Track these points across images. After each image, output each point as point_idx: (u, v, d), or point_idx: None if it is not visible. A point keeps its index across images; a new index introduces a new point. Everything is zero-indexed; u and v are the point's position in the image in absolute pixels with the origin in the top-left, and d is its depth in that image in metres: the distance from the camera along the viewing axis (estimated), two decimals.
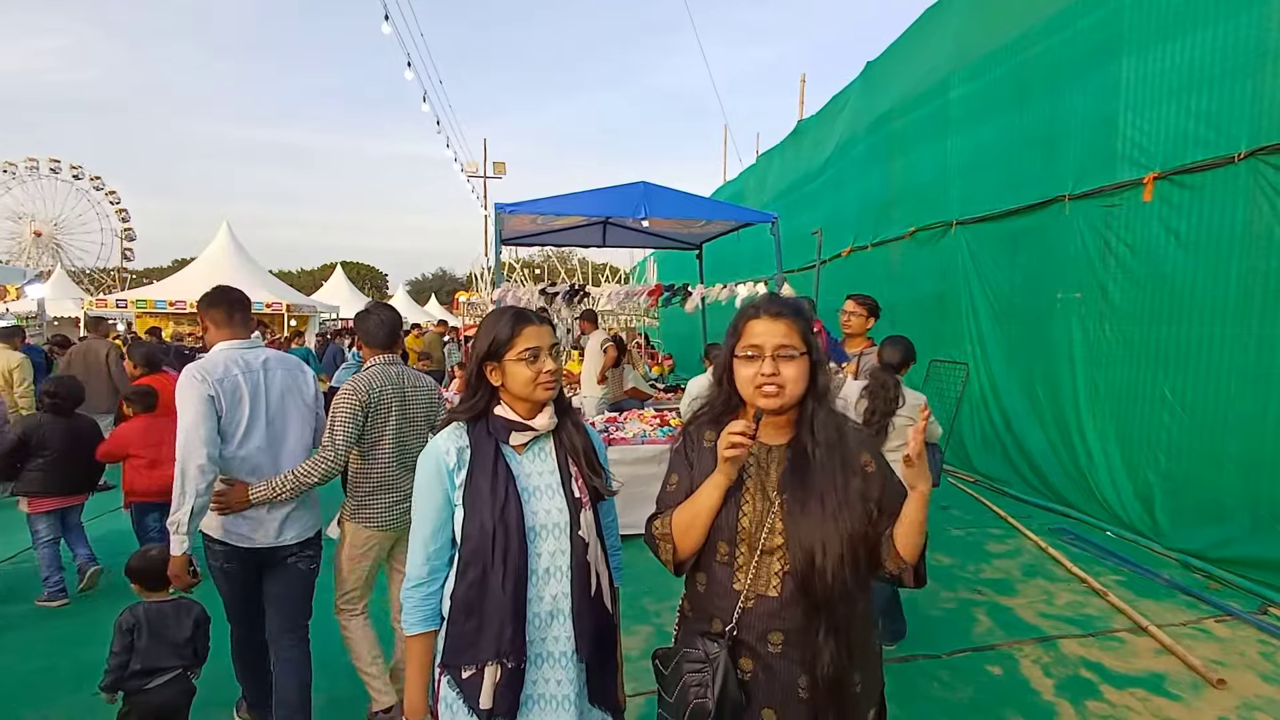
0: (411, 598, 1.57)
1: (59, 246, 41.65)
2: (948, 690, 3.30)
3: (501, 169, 27.40)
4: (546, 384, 1.58)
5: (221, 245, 19.64)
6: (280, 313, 18.27)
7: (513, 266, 18.91)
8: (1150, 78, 5.25)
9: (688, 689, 1.40)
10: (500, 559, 1.49)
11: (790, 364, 1.43)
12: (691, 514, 1.46)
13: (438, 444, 1.60)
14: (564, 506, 1.58)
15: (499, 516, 1.50)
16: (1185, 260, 4.97)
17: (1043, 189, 6.23)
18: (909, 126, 8.37)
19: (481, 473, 1.54)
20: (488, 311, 1.84)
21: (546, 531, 1.56)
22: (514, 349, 1.57)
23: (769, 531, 1.43)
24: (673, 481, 1.57)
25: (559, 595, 1.55)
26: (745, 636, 1.43)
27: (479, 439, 1.59)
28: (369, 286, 54.17)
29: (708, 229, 7.71)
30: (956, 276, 7.39)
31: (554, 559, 1.55)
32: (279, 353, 2.83)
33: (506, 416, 1.60)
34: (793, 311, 1.48)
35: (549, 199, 5.91)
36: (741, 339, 1.48)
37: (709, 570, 1.49)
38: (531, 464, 1.62)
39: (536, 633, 1.53)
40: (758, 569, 1.43)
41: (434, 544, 1.56)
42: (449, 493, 1.56)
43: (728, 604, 1.44)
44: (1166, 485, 5.08)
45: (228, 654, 2.88)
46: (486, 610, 1.49)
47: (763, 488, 1.47)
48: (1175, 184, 5.06)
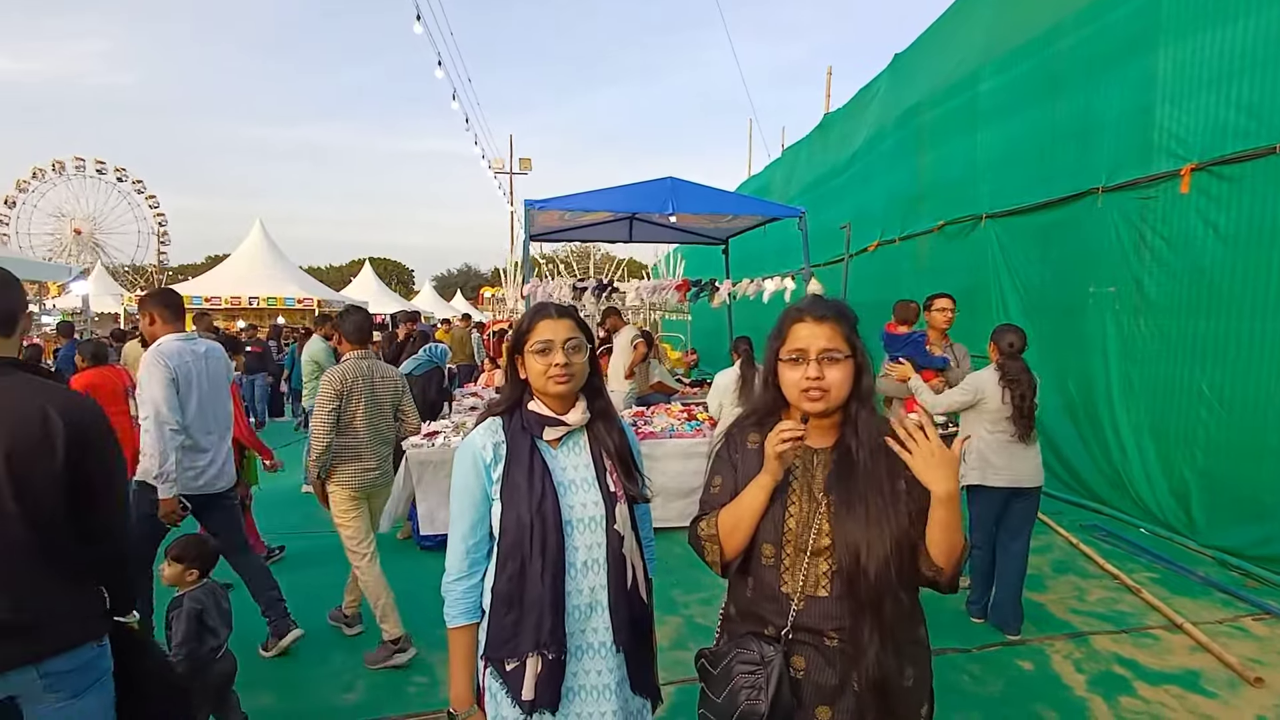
0: (452, 591, 1.59)
1: (98, 244, 42.76)
2: (978, 684, 3.31)
3: (527, 165, 27.54)
4: (556, 377, 1.56)
5: (255, 242, 20.06)
6: (311, 308, 18.59)
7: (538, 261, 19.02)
8: (1188, 67, 5.16)
9: (739, 690, 1.39)
10: (539, 552, 1.50)
11: (835, 367, 1.43)
12: (737, 515, 1.46)
13: (474, 440, 1.61)
14: (599, 500, 1.59)
15: (536, 510, 1.51)
16: (1224, 253, 4.88)
17: (1075, 182, 6.14)
18: (938, 119, 8.29)
19: (518, 467, 1.56)
20: (515, 306, 1.88)
21: (583, 525, 1.57)
22: (530, 341, 1.59)
23: (816, 533, 1.43)
24: (716, 483, 1.57)
25: (596, 587, 1.57)
26: (801, 637, 1.43)
27: (514, 434, 1.60)
28: (395, 282, 54.81)
29: (734, 224, 7.72)
30: (986, 271, 7.31)
31: (590, 552, 1.57)
32: (213, 343, 3.57)
33: (539, 411, 1.61)
34: (836, 314, 1.48)
35: (577, 195, 5.96)
36: (786, 342, 1.48)
37: (755, 573, 1.49)
38: (566, 458, 1.63)
39: (576, 624, 1.55)
40: (807, 571, 1.43)
41: (472, 538, 1.59)
42: (486, 488, 1.58)
43: (778, 606, 1.44)
44: (1203, 482, 5.01)
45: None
46: (526, 602, 1.51)
47: (809, 489, 1.47)
48: (1214, 175, 4.97)
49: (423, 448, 5.08)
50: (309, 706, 3.11)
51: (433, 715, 3.03)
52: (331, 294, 22.57)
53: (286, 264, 20.96)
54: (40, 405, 1.66)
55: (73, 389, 1.86)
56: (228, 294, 18.33)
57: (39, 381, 1.75)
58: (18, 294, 1.79)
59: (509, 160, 27.10)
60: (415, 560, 4.96)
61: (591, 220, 7.69)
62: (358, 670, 3.41)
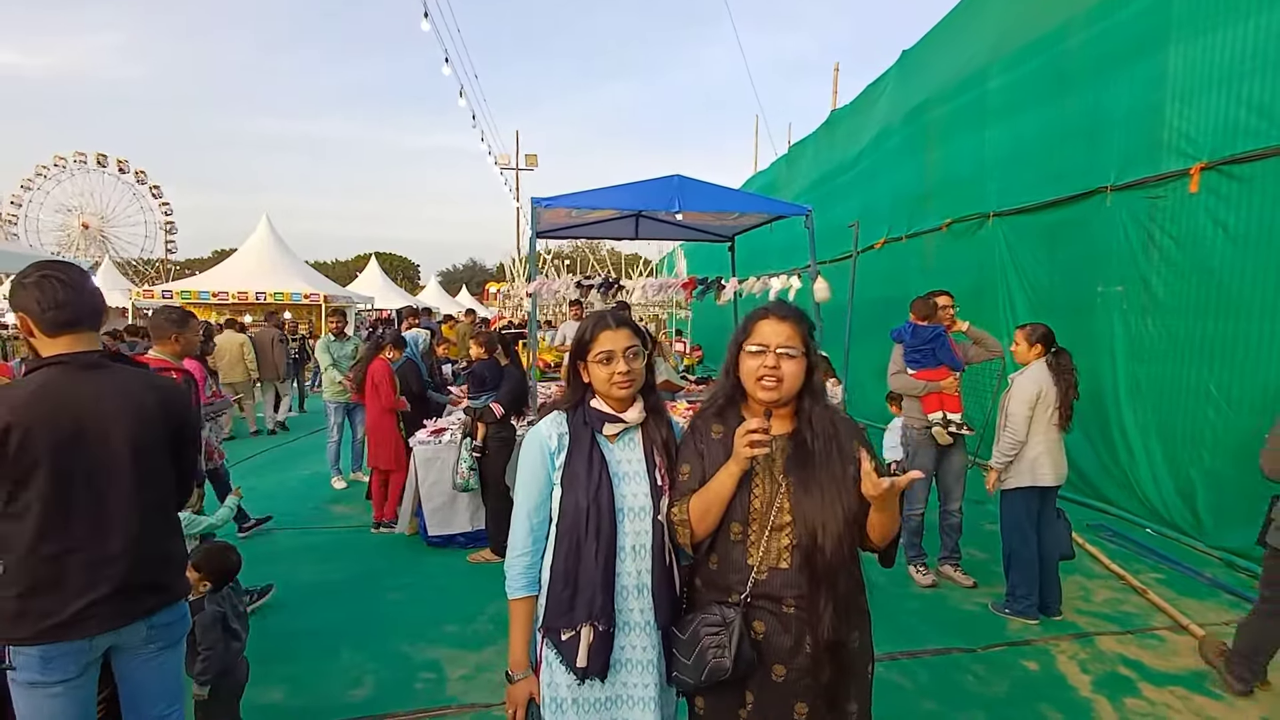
0: (515, 566, 1.73)
1: (105, 238, 42.92)
2: (983, 685, 3.32)
3: (534, 161, 27.57)
4: (620, 384, 1.72)
5: (262, 237, 20.06)
6: (318, 303, 18.63)
7: (543, 257, 19.01)
8: (1199, 66, 5.13)
9: (705, 650, 1.56)
10: (593, 535, 1.65)
11: (790, 362, 1.61)
12: (707, 500, 1.62)
13: (541, 429, 1.77)
14: (648, 491, 1.72)
15: (593, 497, 1.66)
16: (1233, 253, 4.86)
17: (1084, 180, 6.12)
18: (946, 117, 8.25)
19: (579, 457, 1.71)
20: (522, 302, 1.97)
21: (633, 514, 1.71)
22: (592, 351, 1.74)
23: (778, 510, 1.60)
24: (685, 471, 1.72)
25: (642, 570, 1.70)
26: (760, 603, 1.60)
27: (577, 427, 1.75)
28: (401, 277, 54.87)
29: (741, 221, 7.68)
30: (993, 269, 7.29)
31: (638, 538, 1.70)
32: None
33: (600, 409, 1.76)
34: (796, 317, 1.67)
35: (584, 193, 5.94)
36: (750, 336, 1.66)
37: (722, 549, 1.65)
38: (622, 451, 1.77)
39: (623, 603, 1.69)
40: (768, 544, 1.60)
41: (536, 517, 1.73)
42: (550, 473, 1.73)
43: (742, 576, 1.61)
44: (1210, 482, 4.99)
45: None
46: (581, 580, 1.65)
47: (770, 472, 1.64)
48: (1223, 175, 4.94)
49: (429, 444, 5.10)
50: (317, 703, 3.13)
51: (440, 711, 3.06)
52: (338, 289, 22.58)
53: (293, 259, 20.96)
54: (149, 388, 1.97)
55: (158, 374, 2.14)
56: (235, 289, 18.38)
57: (135, 369, 2.02)
58: (94, 291, 1.95)
59: (515, 156, 27.12)
60: (424, 556, 4.98)
61: (597, 217, 7.66)
62: (366, 665, 3.43)
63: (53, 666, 1.77)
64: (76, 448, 1.80)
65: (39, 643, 1.76)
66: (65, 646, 1.78)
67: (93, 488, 1.82)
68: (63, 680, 1.79)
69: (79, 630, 1.79)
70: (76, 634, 1.79)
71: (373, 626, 3.85)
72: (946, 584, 4.45)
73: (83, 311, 1.88)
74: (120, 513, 1.85)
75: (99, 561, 1.82)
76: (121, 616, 1.86)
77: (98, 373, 1.88)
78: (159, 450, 1.96)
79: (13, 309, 1.86)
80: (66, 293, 1.83)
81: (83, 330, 1.88)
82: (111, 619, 1.84)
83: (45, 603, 1.76)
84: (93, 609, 1.80)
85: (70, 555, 1.79)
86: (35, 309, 1.81)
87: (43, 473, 1.75)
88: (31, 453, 1.74)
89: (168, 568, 2.01)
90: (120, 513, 1.85)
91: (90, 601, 1.80)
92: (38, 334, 1.84)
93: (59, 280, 1.83)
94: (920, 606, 4.15)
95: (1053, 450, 3.88)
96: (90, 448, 1.82)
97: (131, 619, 1.88)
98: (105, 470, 1.84)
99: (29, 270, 1.85)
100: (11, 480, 1.74)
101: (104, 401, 1.85)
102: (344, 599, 4.23)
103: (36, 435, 1.74)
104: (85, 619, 1.80)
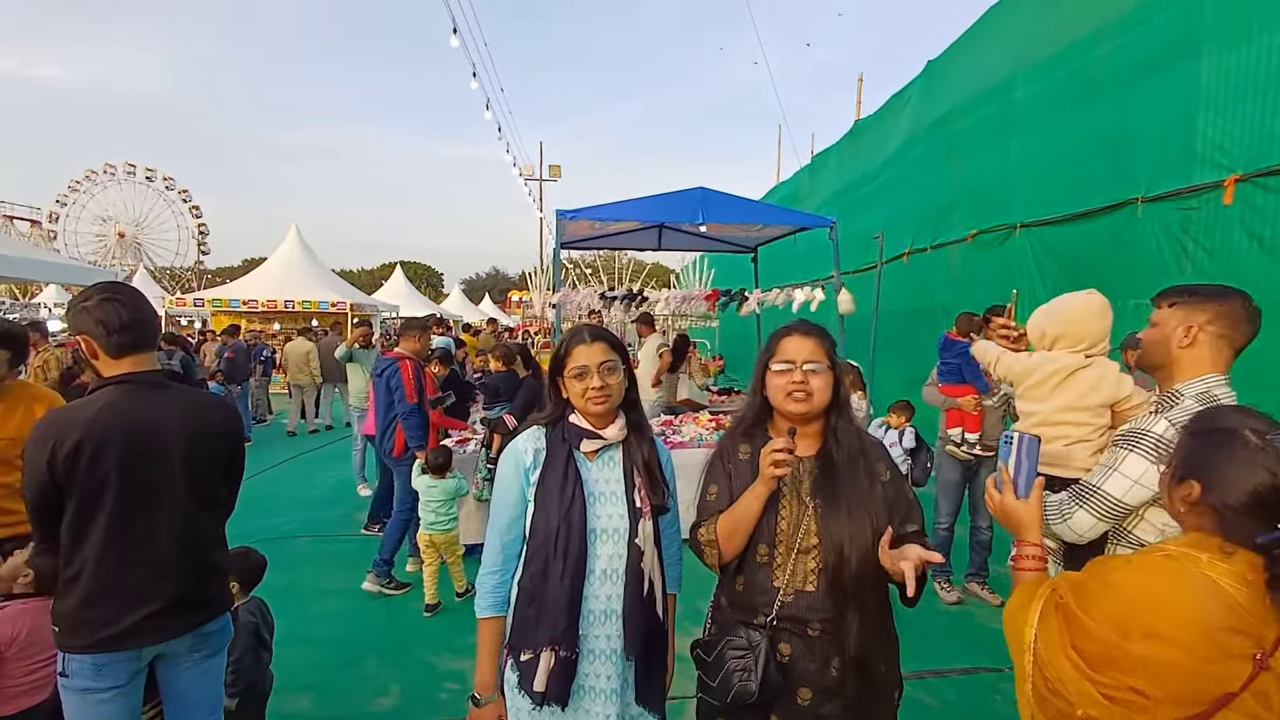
0: (485, 584, 1.70)
1: (140, 246, 44.01)
2: (1010, 705, 3.23)
3: (557, 172, 27.75)
4: (594, 399, 1.67)
5: (291, 247, 20.43)
6: (344, 312, 18.93)
7: (566, 266, 19.11)
8: (1233, 75, 5.03)
9: (731, 674, 1.54)
10: (561, 555, 1.59)
11: (817, 376, 1.63)
12: (734, 521, 1.61)
13: (518, 444, 1.72)
14: (624, 513, 1.67)
15: (564, 516, 1.60)
16: (1269, 266, 4.76)
17: (1114, 192, 6.02)
18: (971, 127, 8.18)
19: (553, 474, 1.66)
20: (543, 314, 1.98)
21: (607, 535, 1.65)
22: (568, 366, 1.71)
23: (805, 533, 1.59)
24: (712, 492, 1.72)
25: (613, 596, 1.64)
26: (786, 625, 1.58)
27: (554, 443, 1.71)
28: (425, 285, 55.52)
29: (764, 232, 7.70)
30: (1019, 282, 7.19)
31: (611, 562, 1.64)
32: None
33: (579, 425, 1.71)
34: (820, 333, 1.69)
35: (608, 205, 6.00)
36: (776, 354, 1.68)
37: (748, 571, 1.64)
38: (600, 471, 1.72)
39: (589, 629, 1.63)
40: (795, 567, 1.59)
41: (508, 535, 1.69)
42: (524, 489, 1.68)
43: (768, 599, 1.60)
44: None
45: None
46: (545, 601, 1.59)
47: (798, 494, 1.63)
48: (1259, 186, 4.84)
49: (454, 453, 5.14)
50: (343, 711, 3.17)
51: None
52: (364, 298, 22.91)
53: (321, 268, 21.31)
54: (208, 408, 2.04)
55: (212, 394, 2.25)
56: (265, 297, 18.74)
57: (193, 389, 2.12)
58: (153, 311, 2.01)
59: (539, 167, 27.35)
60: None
61: (621, 228, 7.72)
62: (391, 675, 3.47)
63: (104, 674, 1.83)
64: (142, 464, 1.85)
65: (94, 652, 1.81)
66: (116, 655, 1.83)
67: (154, 503, 1.88)
68: (114, 687, 1.84)
69: (134, 641, 1.85)
70: (132, 644, 1.85)
71: (397, 636, 3.89)
72: (973, 602, 4.39)
73: (146, 333, 1.94)
74: (177, 528, 1.91)
75: (156, 576, 1.87)
76: (174, 628, 1.92)
77: (161, 392, 1.94)
78: (215, 468, 2.02)
79: (74, 332, 1.90)
80: (130, 314, 1.88)
81: (144, 351, 1.94)
82: (164, 630, 1.90)
83: (103, 613, 1.82)
84: (147, 621, 1.86)
85: (130, 569, 1.84)
86: (100, 332, 1.86)
87: (111, 488, 1.80)
88: (102, 468, 1.79)
89: (215, 580, 2.06)
90: (177, 528, 1.91)
91: (146, 615, 1.85)
92: (102, 356, 1.89)
93: (121, 303, 1.88)
94: (947, 623, 4.10)
95: None
96: (154, 465, 1.87)
97: (182, 631, 1.94)
98: (166, 487, 1.90)
99: (90, 293, 1.89)
100: (81, 494, 1.79)
101: (167, 420, 1.91)
102: (369, 608, 4.28)
103: (106, 451, 1.80)
104: (140, 631, 1.85)
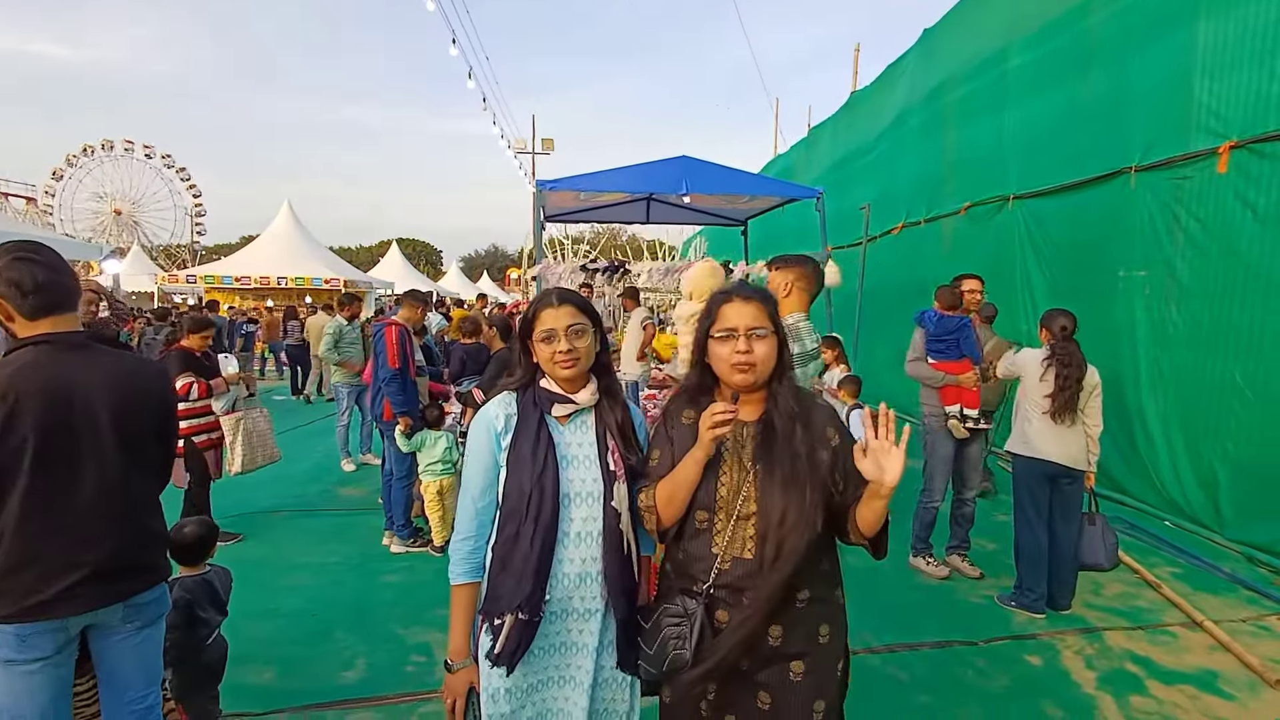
0: (458, 550, 1.68)
1: (136, 224, 43.71)
2: (983, 678, 3.23)
3: (550, 145, 27.40)
4: (562, 363, 1.65)
5: (283, 223, 20.30)
6: (338, 288, 18.83)
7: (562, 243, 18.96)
8: (1230, 39, 4.89)
9: (667, 641, 1.54)
10: (533, 519, 1.58)
11: (761, 342, 1.57)
12: (673, 487, 1.59)
13: (489, 410, 1.71)
14: (598, 477, 1.66)
15: (536, 480, 1.59)
16: (1262, 235, 4.65)
17: (1107, 161, 5.90)
18: (966, 98, 8.02)
19: (525, 439, 1.64)
20: (529, 289, 1.93)
21: (580, 499, 1.64)
22: (535, 330, 1.68)
23: (744, 499, 1.56)
24: (655, 457, 1.69)
25: (588, 559, 1.64)
26: (721, 594, 1.55)
27: (525, 408, 1.69)
28: (424, 263, 55.24)
29: (753, 205, 7.58)
30: (1012, 253, 7.09)
31: (585, 524, 1.64)
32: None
33: (550, 389, 1.70)
34: (761, 296, 1.63)
35: (589, 175, 5.89)
36: (716, 321, 1.61)
37: (689, 536, 1.62)
38: (572, 435, 1.71)
39: (566, 590, 1.63)
40: (733, 533, 1.55)
41: (481, 501, 1.68)
42: (496, 455, 1.67)
43: (705, 565, 1.57)
44: (1233, 474, 4.82)
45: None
46: (514, 565, 1.59)
47: (739, 459, 1.59)
48: (1254, 153, 4.72)
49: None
50: (309, 684, 3.13)
51: (429, 695, 3.04)
52: (359, 274, 22.80)
53: (314, 244, 21.20)
54: (136, 370, 1.96)
55: (141, 356, 2.19)
56: (258, 274, 18.63)
57: (121, 351, 2.01)
58: (71, 272, 1.93)
59: (531, 140, 27.01)
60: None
61: (607, 201, 7.61)
62: (358, 648, 3.44)
63: (29, 644, 1.76)
64: (64, 425, 1.77)
65: (20, 621, 1.74)
66: (41, 625, 1.77)
67: (80, 466, 1.80)
68: (40, 659, 1.78)
69: (61, 610, 1.78)
70: (60, 613, 1.78)
71: (367, 609, 3.86)
72: (954, 576, 4.35)
73: (63, 294, 1.84)
74: (106, 493, 1.84)
75: (82, 542, 1.80)
76: (105, 597, 1.85)
77: (84, 353, 1.85)
78: (145, 430, 1.94)
79: None
80: (46, 275, 1.79)
81: (64, 313, 1.84)
82: (95, 599, 1.83)
83: (26, 581, 1.74)
84: (77, 589, 1.79)
85: (53, 534, 1.77)
86: (14, 294, 1.77)
87: (29, 450, 1.72)
88: (19, 429, 1.71)
89: (151, 549, 1.99)
90: (106, 493, 1.84)
91: (73, 582, 1.78)
92: (18, 319, 1.80)
93: (36, 263, 1.79)
94: (923, 598, 4.06)
95: (1047, 430, 3.78)
96: (77, 426, 1.79)
97: (115, 599, 1.87)
98: (92, 450, 1.82)
99: (1, 252, 1.79)
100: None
101: (91, 381, 1.82)
102: (338, 581, 4.25)
103: (23, 412, 1.71)
104: (70, 598, 1.78)
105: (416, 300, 4.90)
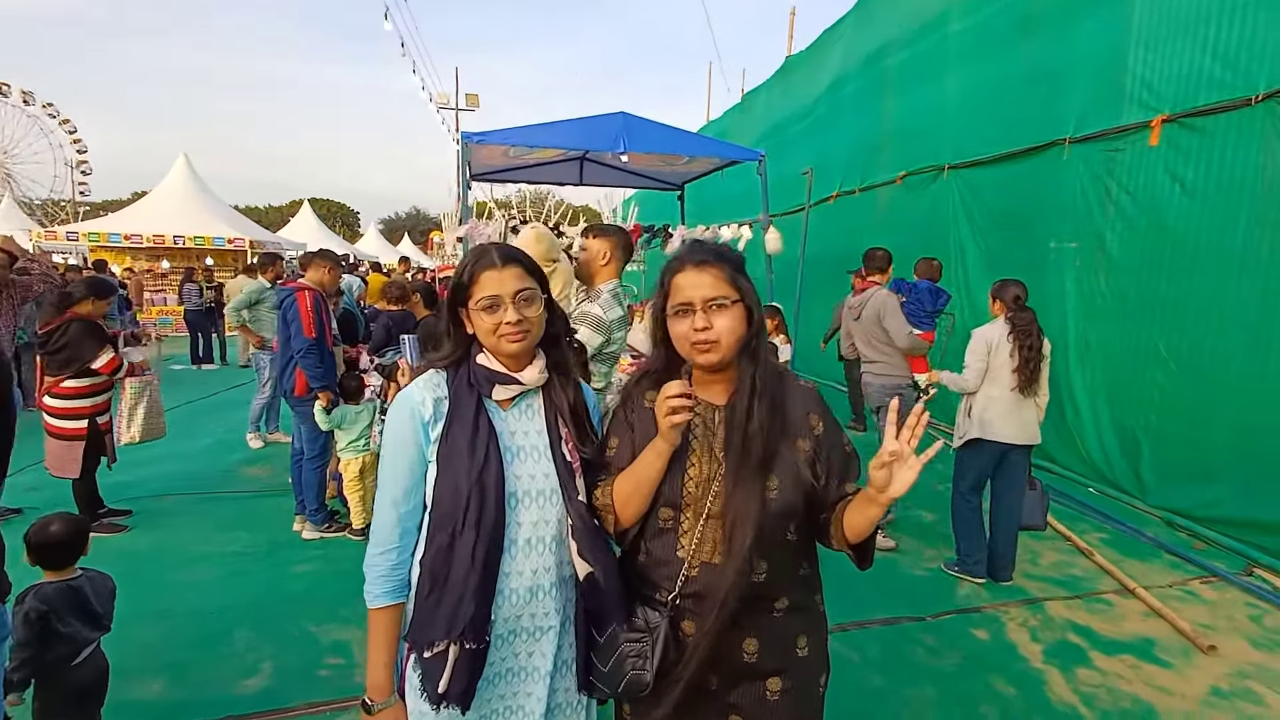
0: (378, 566, 1.37)
1: (9, 175, 39.52)
2: (934, 656, 3.16)
3: (475, 101, 26.23)
4: (510, 336, 1.36)
5: (179, 178, 18.68)
6: (243, 249, 17.52)
7: (490, 206, 18.23)
8: (1165, 11, 4.91)
9: (624, 659, 1.33)
10: (472, 526, 1.31)
11: (723, 314, 1.32)
12: (634, 483, 1.35)
13: (412, 394, 1.40)
14: (551, 472, 1.40)
15: (476, 478, 1.31)
16: (1190, 209, 4.74)
17: (1042, 132, 5.92)
18: (904, 64, 7.94)
19: (460, 429, 1.35)
20: (453, 251, 1.56)
21: (530, 499, 1.38)
22: (474, 296, 1.38)
23: (715, 495, 1.33)
24: (612, 445, 1.45)
25: (539, 569, 1.38)
26: (688, 604, 1.34)
27: (459, 391, 1.39)
28: (340, 224, 52.59)
29: (691, 167, 7.30)
30: (946, 223, 7.11)
31: (536, 529, 1.38)
32: None
33: (489, 366, 1.40)
34: (717, 257, 1.36)
35: (521, 128, 5.48)
36: (670, 295, 1.37)
37: (652, 538, 1.39)
38: (517, 422, 1.43)
39: (514, 609, 1.37)
40: (703, 535, 1.33)
41: (405, 505, 1.37)
42: (423, 448, 1.37)
43: (670, 571, 1.35)
44: (1155, 443, 4.96)
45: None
46: (451, 583, 1.31)
47: (710, 449, 1.36)
48: (1185, 127, 4.78)
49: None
50: (203, 695, 2.75)
51: (348, 702, 2.73)
52: (267, 235, 21.30)
53: (216, 201, 19.61)
54: None
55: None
56: (151, 232, 17.08)
57: None
58: None
59: (455, 95, 25.75)
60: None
61: (539, 159, 7.18)
62: (263, 650, 3.06)
63: None
64: None
65: None
66: None
67: None
68: None
69: None
70: None
71: (275, 605, 3.46)
72: (902, 548, 4.31)
73: None
74: None
75: None
76: None
77: None
78: None
79: None
80: None
81: None
82: None
83: None
84: None
85: None
86: None
87: None
88: None
89: None
90: None
91: None
92: None
93: None
94: (869, 572, 3.98)
95: (1010, 408, 3.71)
96: None
97: None
98: None
99: None
100: None
101: None
102: (242, 573, 3.82)
103: None
104: None
105: (327, 260, 4.41)
